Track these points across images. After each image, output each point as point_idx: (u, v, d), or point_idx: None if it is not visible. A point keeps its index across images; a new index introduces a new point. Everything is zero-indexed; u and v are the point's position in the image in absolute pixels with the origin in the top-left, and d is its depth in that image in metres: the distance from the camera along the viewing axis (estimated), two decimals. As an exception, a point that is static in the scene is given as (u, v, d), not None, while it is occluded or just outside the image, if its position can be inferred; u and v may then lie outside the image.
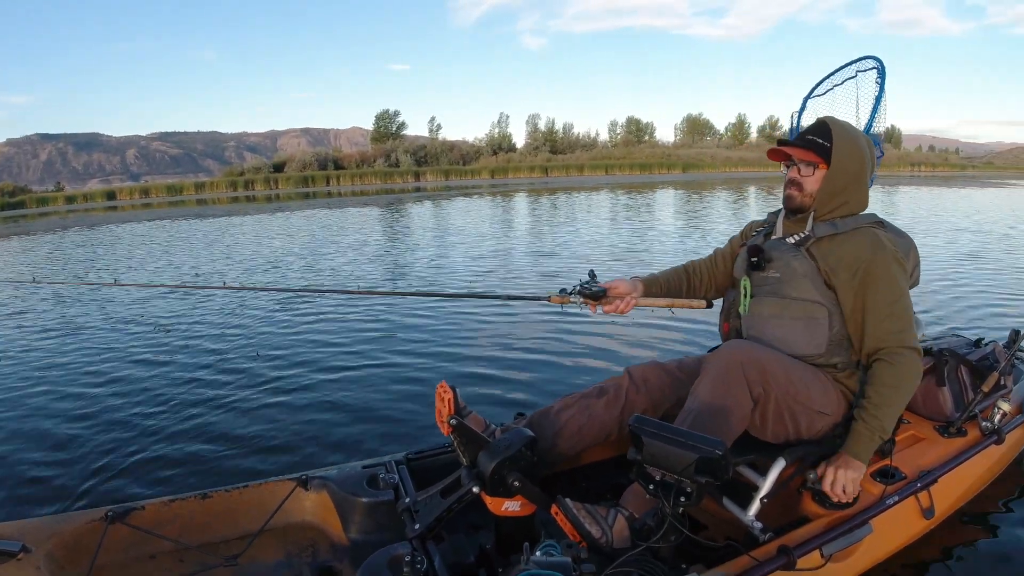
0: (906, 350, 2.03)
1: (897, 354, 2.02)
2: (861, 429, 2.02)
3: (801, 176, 2.19)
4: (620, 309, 2.30)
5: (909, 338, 2.05)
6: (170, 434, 3.80)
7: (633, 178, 52.15)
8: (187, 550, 2.10)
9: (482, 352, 5.23)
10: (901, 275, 2.10)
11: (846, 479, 2.01)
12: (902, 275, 2.10)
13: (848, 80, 2.60)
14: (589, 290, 2.25)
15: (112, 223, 24.36)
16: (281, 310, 7.12)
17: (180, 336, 6.18)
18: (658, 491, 1.67)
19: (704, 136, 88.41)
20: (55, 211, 41.37)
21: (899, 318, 2.05)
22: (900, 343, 2.03)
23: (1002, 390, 2.62)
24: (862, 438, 2.02)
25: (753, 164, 65.15)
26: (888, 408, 2.01)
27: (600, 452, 2.61)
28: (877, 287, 2.06)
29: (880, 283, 2.06)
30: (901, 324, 2.05)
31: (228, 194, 50.77)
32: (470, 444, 1.96)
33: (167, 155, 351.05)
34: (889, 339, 2.04)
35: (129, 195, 54.18)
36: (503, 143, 74.57)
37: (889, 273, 2.07)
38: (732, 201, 23.78)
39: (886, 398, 2.01)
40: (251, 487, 2.27)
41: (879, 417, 2.00)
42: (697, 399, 1.99)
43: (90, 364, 5.36)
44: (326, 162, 65.31)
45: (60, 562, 1.87)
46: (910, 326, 2.07)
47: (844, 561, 1.98)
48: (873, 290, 2.06)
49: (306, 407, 4.14)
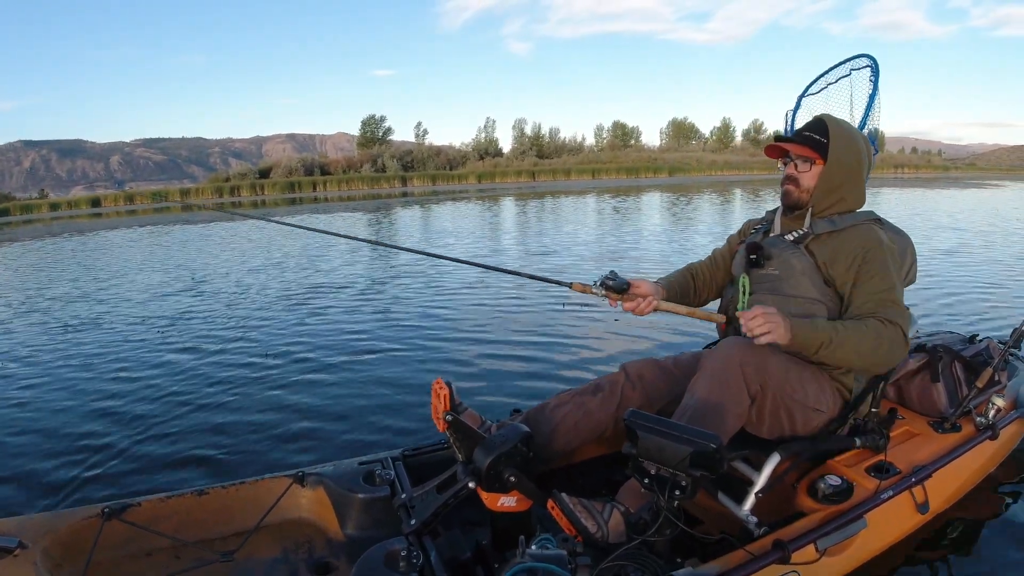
0: (899, 328, 2.01)
1: (893, 324, 2.00)
2: (820, 325, 2.01)
3: (798, 172, 2.21)
4: (641, 309, 2.21)
5: (903, 320, 2.03)
6: (166, 431, 3.80)
7: (620, 182, 52.24)
8: (183, 546, 2.09)
9: (478, 349, 5.24)
10: (895, 268, 2.11)
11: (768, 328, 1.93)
12: (896, 269, 2.11)
13: (842, 78, 2.61)
14: (612, 283, 2.20)
15: (100, 229, 24.18)
16: (276, 308, 7.14)
17: (177, 334, 6.18)
18: (653, 485, 1.67)
19: (690, 140, 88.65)
20: (39, 218, 41.04)
21: (894, 302, 2.05)
22: (892, 318, 2.01)
23: (996, 386, 2.62)
24: (812, 328, 1.99)
25: (738, 167, 65.43)
26: (853, 343, 1.98)
27: (596, 448, 2.62)
28: (872, 274, 2.07)
29: (875, 270, 2.07)
30: (897, 307, 2.05)
31: (214, 200, 50.53)
32: (466, 440, 1.97)
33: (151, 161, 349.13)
34: (881, 311, 2.03)
35: (114, 201, 53.77)
36: (490, 148, 74.52)
37: (884, 263, 2.08)
38: (719, 203, 23.87)
39: (861, 339, 1.98)
40: (247, 483, 2.26)
41: (840, 338, 1.98)
42: (694, 396, 1.99)
43: (88, 361, 5.37)
44: (312, 167, 65.02)
45: (56, 558, 1.86)
46: (904, 310, 2.07)
47: (839, 555, 1.99)
48: (868, 276, 2.07)
49: (302, 404, 4.14)
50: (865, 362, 2.04)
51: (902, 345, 2.02)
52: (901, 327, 2.01)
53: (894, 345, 2.00)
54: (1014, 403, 2.72)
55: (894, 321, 2.01)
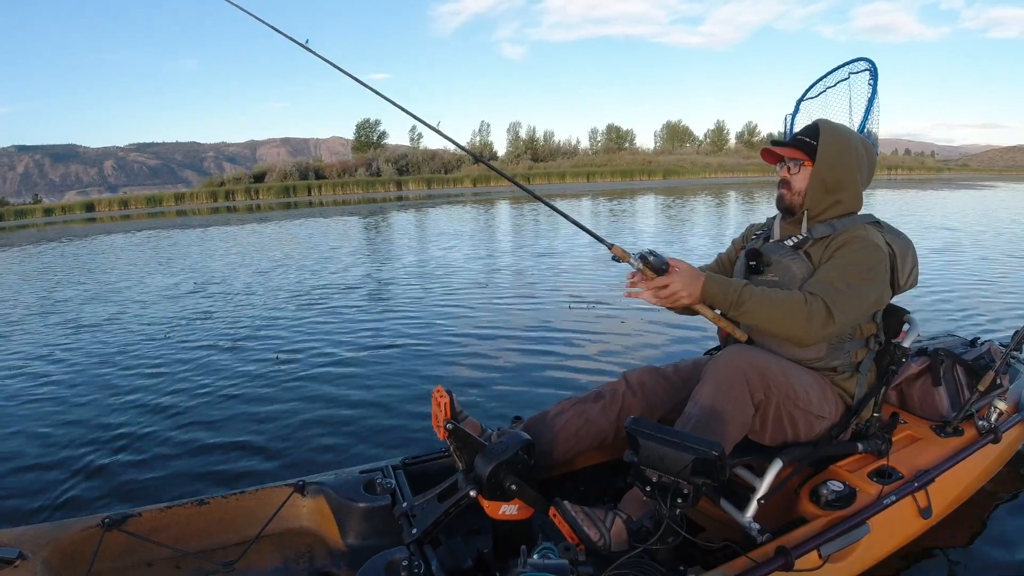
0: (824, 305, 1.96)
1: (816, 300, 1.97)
2: (735, 285, 2.02)
3: (790, 175, 2.21)
4: (673, 302, 2.09)
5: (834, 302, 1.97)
6: (167, 440, 3.78)
7: (615, 185, 52.41)
8: (184, 557, 2.08)
9: (479, 356, 5.23)
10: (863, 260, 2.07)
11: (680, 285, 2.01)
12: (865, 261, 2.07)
13: (841, 82, 2.60)
14: (653, 259, 2.09)
15: (97, 234, 24.16)
16: (273, 317, 7.13)
17: (177, 342, 6.17)
18: (655, 493, 1.66)
19: (684, 143, 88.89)
20: (33, 223, 41.00)
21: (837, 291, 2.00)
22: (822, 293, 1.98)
23: (998, 389, 2.62)
24: (724, 285, 2.03)
25: (732, 170, 65.71)
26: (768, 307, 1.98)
27: (596, 456, 2.61)
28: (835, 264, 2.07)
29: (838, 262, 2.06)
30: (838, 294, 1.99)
31: (209, 205, 50.50)
32: (466, 448, 1.96)
33: (145, 166, 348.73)
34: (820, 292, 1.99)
35: (108, 206, 53.75)
36: (485, 151, 74.61)
37: (852, 253, 2.07)
38: (714, 206, 23.91)
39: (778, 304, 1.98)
40: (248, 493, 2.25)
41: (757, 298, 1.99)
42: (698, 405, 1.98)
43: (87, 370, 5.35)
44: (307, 172, 65.05)
45: (57, 569, 1.85)
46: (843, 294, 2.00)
47: (842, 561, 1.98)
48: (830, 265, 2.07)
49: (303, 413, 4.13)
50: (780, 328, 2.01)
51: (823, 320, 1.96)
52: (826, 303, 1.96)
53: (814, 319, 1.95)
54: (1016, 406, 2.72)
55: (819, 295, 1.97)
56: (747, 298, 2.00)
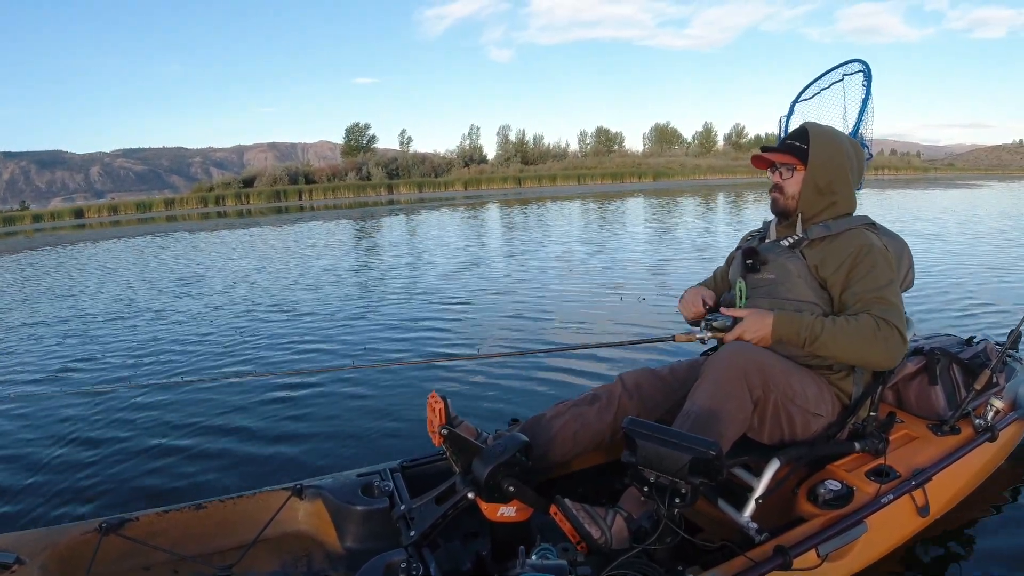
0: (893, 326, 1.99)
1: (886, 323, 1.99)
2: (807, 319, 2.04)
3: (782, 179, 2.25)
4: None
5: (895, 317, 2.01)
6: (164, 445, 3.76)
7: (606, 187, 52.47)
8: (182, 561, 2.07)
9: (475, 361, 5.20)
10: (886, 270, 2.10)
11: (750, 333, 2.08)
12: (889, 270, 2.11)
13: (835, 84, 2.62)
14: (717, 324, 2.17)
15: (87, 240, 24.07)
16: (267, 320, 7.12)
17: (173, 344, 6.17)
18: (653, 493, 1.67)
19: (672, 145, 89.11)
20: (22, 230, 40.76)
21: (885, 300, 2.04)
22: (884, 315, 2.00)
23: (994, 387, 2.62)
24: (798, 322, 2.04)
25: (721, 171, 65.95)
26: (844, 337, 1.99)
27: (593, 458, 2.60)
28: (862, 275, 2.08)
29: (865, 271, 2.08)
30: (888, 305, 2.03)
31: (199, 210, 50.33)
32: (462, 453, 1.96)
33: (132, 172, 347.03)
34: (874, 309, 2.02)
35: (98, 212, 53.52)
36: (475, 155, 74.77)
37: (874, 265, 2.08)
38: (703, 207, 23.96)
39: (853, 333, 1.99)
40: (245, 497, 2.24)
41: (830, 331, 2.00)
42: (696, 403, 1.99)
43: (84, 375, 5.34)
44: (297, 176, 64.98)
45: (54, 574, 1.84)
46: (897, 309, 2.05)
47: (840, 560, 1.98)
48: (858, 278, 2.08)
49: (300, 416, 4.11)
50: (859, 357, 2.04)
51: (899, 344, 2.00)
52: (895, 325, 1.99)
53: (890, 343, 1.98)
54: (1012, 404, 2.72)
55: (887, 319, 1.99)
56: (819, 332, 2.00)
